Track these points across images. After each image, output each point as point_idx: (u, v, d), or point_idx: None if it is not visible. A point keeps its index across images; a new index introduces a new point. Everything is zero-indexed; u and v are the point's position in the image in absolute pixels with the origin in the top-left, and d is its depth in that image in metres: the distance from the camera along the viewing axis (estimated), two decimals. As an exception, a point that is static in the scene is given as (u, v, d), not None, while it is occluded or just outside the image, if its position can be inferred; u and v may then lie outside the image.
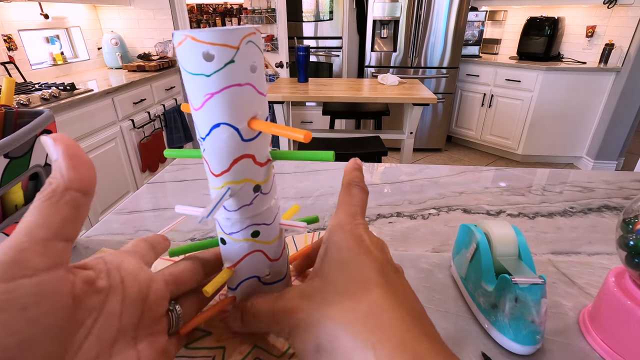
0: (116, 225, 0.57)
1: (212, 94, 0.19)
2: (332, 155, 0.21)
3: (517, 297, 0.31)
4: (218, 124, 0.20)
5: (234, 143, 0.21)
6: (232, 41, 0.18)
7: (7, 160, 0.36)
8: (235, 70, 0.19)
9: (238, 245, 0.25)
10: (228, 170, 0.22)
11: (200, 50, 0.18)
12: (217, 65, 0.19)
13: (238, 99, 0.20)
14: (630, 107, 2.69)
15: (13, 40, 2.03)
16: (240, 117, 0.20)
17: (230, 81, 0.19)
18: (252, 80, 0.20)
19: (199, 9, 3.78)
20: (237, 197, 0.23)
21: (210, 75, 0.19)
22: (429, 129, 3.33)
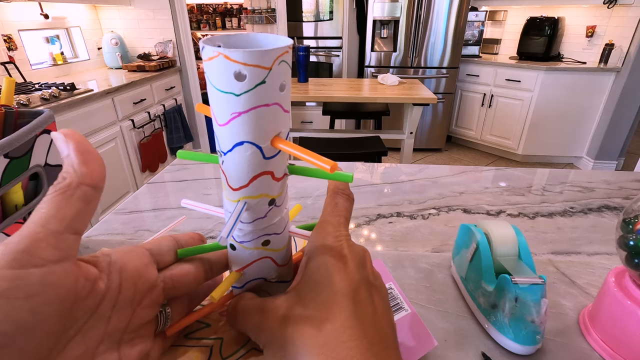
0: (116, 225, 0.57)
1: (239, 113, 0.19)
2: (351, 177, 0.21)
3: (517, 297, 0.31)
4: (241, 142, 0.20)
5: (255, 161, 0.21)
6: (266, 62, 0.18)
7: (7, 160, 0.36)
8: (265, 91, 0.19)
9: (248, 252, 0.25)
10: (246, 186, 0.22)
11: (232, 69, 0.18)
12: (248, 86, 0.18)
13: (265, 118, 0.20)
14: (630, 107, 2.69)
15: (13, 40, 2.03)
16: (264, 137, 0.20)
17: (259, 102, 0.19)
18: (279, 99, 0.20)
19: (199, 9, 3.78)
20: (252, 211, 0.23)
21: (239, 95, 0.18)
22: (429, 129, 3.33)
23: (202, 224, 0.57)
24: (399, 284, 0.42)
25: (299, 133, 2.20)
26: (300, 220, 0.60)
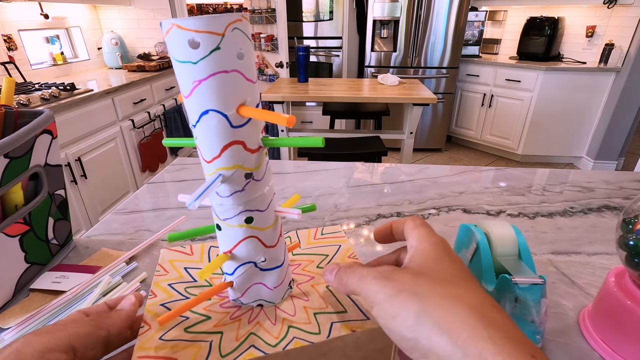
0: (116, 225, 0.57)
1: (199, 81, 0.20)
2: (322, 141, 0.21)
3: (517, 297, 0.31)
4: (207, 111, 0.21)
5: (223, 129, 0.21)
6: (217, 28, 0.19)
7: (7, 160, 0.36)
8: (221, 57, 0.19)
9: (232, 231, 0.26)
10: (218, 156, 0.22)
11: (186, 38, 0.19)
12: (203, 52, 0.19)
13: (225, 85, 0.20)
14: (630, 107, 2.69)
15: (13, 40, 2.03)
16: (228, 104, 0.21)
17: (216, 68, 0.19)
18: (239, 67, 0.20)
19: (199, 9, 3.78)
20: (229, 183, 0.23)
21: (197, 63, 0.19)
22: (429, 129, 3.32)
23: (203, 224, 0.57)
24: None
25: (299, 133, 2.20)
26: (302, 221, 0.60)
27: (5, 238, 0.38)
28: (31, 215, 0.42)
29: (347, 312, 0.28)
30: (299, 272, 0.34)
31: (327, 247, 0.37)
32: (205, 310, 0.29)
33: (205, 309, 0.29)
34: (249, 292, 0.29)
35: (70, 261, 0.47)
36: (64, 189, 0.48)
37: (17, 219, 0.39)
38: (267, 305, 0.29)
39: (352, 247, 0.36)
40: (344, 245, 0.37)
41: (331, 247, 0.37)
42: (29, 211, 0.41)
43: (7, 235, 0.39)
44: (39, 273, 0.44)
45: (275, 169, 0.79)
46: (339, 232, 0.39)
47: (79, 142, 1.79)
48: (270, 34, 2.85)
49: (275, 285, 0.29)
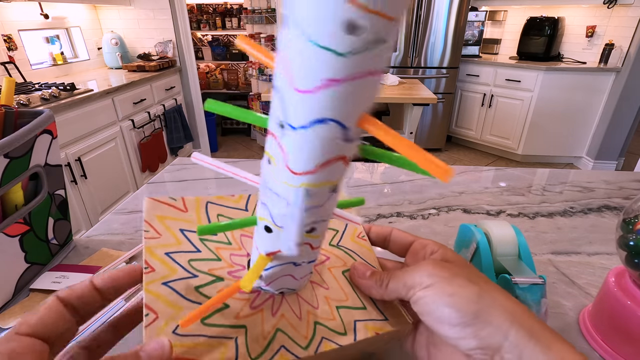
0: (116, 225, 0.57)
1: (336, 81, 0.13)
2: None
3: (517, 297, 0.31)
4: (323, 120, 0.15)
5: (334, 143, 0.16)
6: (394, 9, 0.12)
7: (7, 160, 0.36)
8: (382, 53, 0.13)
9: None
10: (313, 172, 0.17)
11: (342, 15, 0.12)
12: (362, 43, 0.12)
13: (366, 91, 0.14)
14: (630, 107, 2.69)
15: (13, 40, 2.03)
16: (354, 114, 0.15)
17: (369, 67, 0.13)
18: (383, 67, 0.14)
19: (199, 9, 3.78)
20: (310, 199, 0.18)
21: (343, 55, 0.12)
22: (429, 129, 3.32)
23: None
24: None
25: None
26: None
27: (5, 238, 0.38)
28: (31, 215, 0.42)
29: (366, 309, 0.27)
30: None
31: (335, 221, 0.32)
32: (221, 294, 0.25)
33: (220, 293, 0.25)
34: (274, 283, 0.25)
35: (70, 261, 0.47)
36: (64, 189, 0.48)
37: (17, 219, 0.39)
38: (288, 292, 0.26)
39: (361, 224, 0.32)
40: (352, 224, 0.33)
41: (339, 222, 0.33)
42: (29, 211, 0.41)
43: (7, 235, 0.39)
44: (39, 273, 0.44)
45: (275, 169, 0.79)
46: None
47: (79, 142, 1.79)
48: (270, 34, 2.85)
49: (301, 276, 0.26)
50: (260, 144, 3.49)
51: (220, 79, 3.81)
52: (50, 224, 0.46)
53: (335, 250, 0.31)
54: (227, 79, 3.82)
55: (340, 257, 0.31)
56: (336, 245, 0.32)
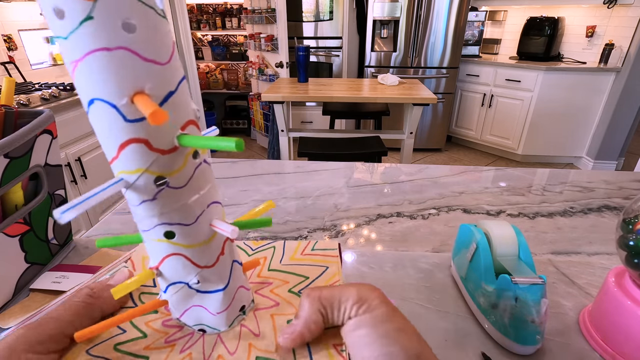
0: (116, 225, 0.57)
1: (76, 62, 0.16)
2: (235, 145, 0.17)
3: (517, 297, 0.31)
4: (92, 100, 0.17)
5: (114, 124, 0.17)
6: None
7: (7, 160, 0.36)
8: (96, 29, 0.15)
9: (153, 244, 0.22)
10: (117, 157, 0.18)
11: (50, 5, 0.15)
12: (71, 24, 0.15)
13: (109, 67, 0.16)
14: (630, 107, 2.69)
15: (13, 40, 2.03)
16: (117, 91, 0.16)
17: (92, 44, 0.15)
18: (128, 42, 0.16)
19: (199, 9, 3.78)
20: (134, 191, 0.19)
21: (67, 38, 0.15)
22: (429, 129, 3.32)
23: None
24: (398, 283, 0.42)
25: (299, 133, 2.20)
26: (300, 221, 0.60)
27: (5, 238, 0.38)
28: (31, 215, 0.42)
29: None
30: (265, 293, 0.29)
31: (312, 266, 0.31)
32: (147, 325, 0.26)
33: (147, 324, 0.26)
34: (187, 314, 0.25)
35: (70, 261, 0.47)
36: (64, 189, 0.48)
37: (17, 219, 0.39)
38: (210, 331, 0.25)
39: (341, 271, 0.31)
40: (332, 267, 0.31)
41: (316, 267, 0.31)
42: (29, 211, 0.41)
43: (7, 235, 0.39)
44: (39, 273, 0.44)
45: (275, 169, 0.79)
46: (333, 250, 0.33)
47: (79, 142, 1.79)
48: (270, 34, 2.85)
49: (218, 310, 0.24)
50: (261, 144, 3.49)
51: (220, 79, 3.81)
52: (50, 224, 0.46)
53: (289, 296, 0.29)
54: (227, 79, 3.82)
55: (293, 305, 0.28)
56: (295, 292, 0.29)
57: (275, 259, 0.33)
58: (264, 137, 3.30)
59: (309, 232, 0.56)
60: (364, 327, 0.21)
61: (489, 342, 0.34)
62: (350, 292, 0.23)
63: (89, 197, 0.17)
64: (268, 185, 0.71)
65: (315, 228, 0.57)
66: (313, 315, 0.23)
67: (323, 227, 0.58)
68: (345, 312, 0.22)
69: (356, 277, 0.42)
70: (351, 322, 0.22)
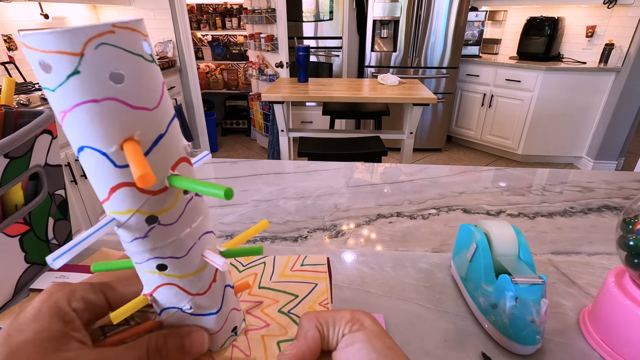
0: (116, 225, 0.57)
1: (64, 112, 0.16)
2: (225, 194, 0.17)
3: (517, 297, 0.31)
4: (82, 147, 0.17)
5: (105, 170, 0.17)
6: (72, 47, 0.15)
7: (7, 160, 0.36)
8: (82, 83, 0.15)
9: (146, 275, 0.22)
10: (107, 199, 0.18)
11: (36, 59, 0.15)
12: (58, 78, 0.15)
13: (97, 118, 0.16)
14: (630, 107, 2.69)
15: (13, 40, 2.03)
16: (106, 140, 0.16)
17: (79, 97, 0.15)
18: (115, 93, 0.16)
19: (199, 9, 3.78)
20: (128, 229, 0.19)
21: (55, 90, 0.15)
22: (429, 129, 3.32)
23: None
24: (399, 283, 0.42)
25: (299, 133, 2.20)
26: (300, 221, 0.60)
27: (5, 238, 0.38)
28: (31, 215, 0.42)
29: None
30: (256, 313, 0.29)
31: (301, 283, 0.32)
32: None
33: None
34: None
35: (70, 261, 0.47)
36: (64, 189, 0.48)
37: (17, 219, 0.39)
38: None
39: (328, 289, 0.31)
40: (321, 285, 0.32)
41: (305, 284, 0.32)
42: (29, 211, 0.41)
43: (7, 235, 0.39)
44: (39, 273, 0.44)
45: (275, 169, 0.79)
46: (321, 265, 0.34)
47: (79, 142, 1.79)
48: (270, 34, 2.85)
49: (211, 332, 0.25)
50: (261, 144, 3.49)
51: (220, 79, 3.81)
52: (50, 224, 0.46)
53: (279, 317, 0.29)
54: (227, 79, 3.82)
55: (283, 326, 0.28)
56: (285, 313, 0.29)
57: (266, 275, 0.33)
58: (264, 137, 3.30)
59: (309, 232, 0.56)
60: (358, 342, 0.22)
61: (489, 342, 0.34)
62: (345, 313, 0.24)
63: (80, 241, 0.17)
64: (268, 185, 0.71)
65: (315, 228, 0.57)
66: (311, 332, 0.24)
67: (323, 227, 0.58)
68: (340, 329, 0.23)
69: (356, 277, 0.42)
70: (345, 339, 0.23)
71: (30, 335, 0.20)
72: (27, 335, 0.20)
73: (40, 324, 0.21)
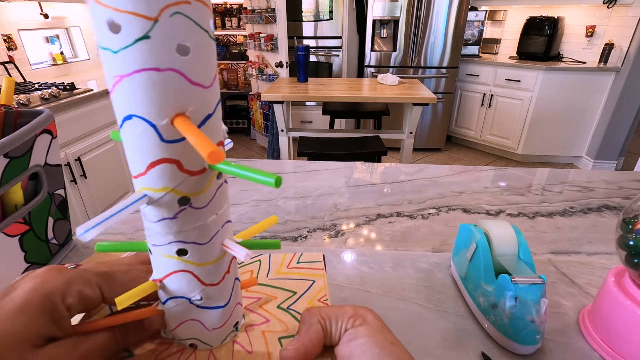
0: (116, 225, 0.57)
1: (121, 77, 0.15)
2: (275, 182, 0.16)
3: (517, 297, 0.31)
4: (130, 116, 0.16)
5: (150, 142, 0.17)
6: (148, 9, 0.14)
7: (7, 160, 0.36)
8: (151, 49, 0.15)
9: (163, 260, 0.21)
10: (144, 173, 0.18)
11: (104, 17, 0.14)
12: (125, 40, 0.14)
13: (156, 87, 0.15)
14: (630, 107, 2.69)
15: (13, 40, 2.03)
16: (159, 112, 0.16)
17: (143, 63, 0.15)
18: (179, 65, 0.15)
19: (199, 9, 3.79)
20: (157, 207, 0.19)
21: (117, 52, 0.15)
22: (429, 129, 3.32)
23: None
24: (398, 283, 0.42)
25: (299, 133, 2.20)
26: (300, 221, 0.60)
27: (5, 238, 0.38)
28: (31, 215, 0.42)
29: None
30: (255, 308, 0.29)
31: (299, 280, 0.32)
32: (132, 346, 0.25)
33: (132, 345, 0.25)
34: (182, 328, 0.24)
35: (70, 261, 0.47)
36: (64, 189, 0.48)
37: (17, 219, 0.39)
38: (202, 347, 0.25)
39: (327, 285, 0.31)
40: (319, 282, 0.32)
41: (304, 281, 0.32)
42: (29, 211, 0.41)
43: (7, 235, 0.39)
44: (39, 273, 0.44)
45: (275, 169, 0.79)
46: (318, 263, 0.34)
47: (79, 142, 1.79)
48: (270, 34, 2.84)
49: (214, 327, 0.24)
50: (261, 144, 3.48)
51: (220, 79, 3.81)
52: (50, 224, 0.46)
53: (279, 313, 0.29)
54: (227, 79, 3.82)
55: (283, 322, 0.28)
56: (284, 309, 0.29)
57: (262, 273, 0.33)
58: (264, 137, 3.30)
59: (309, 232, 0.56)
60: (361, 337, 0.22)
61: (489, 342, 0.34)
62: (347, 309, 0.24)
63: (111, 215, 0.17)
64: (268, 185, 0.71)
65: (315, 228, 0.57)
66: (314, 327, 0.23)
67: (323, 227, 0.58)
68: (342, 324, 0.23)
69: (356, 277, 0.42)
70: (348, 334, 0.23)
71: (14, 329, 0.18)
72: (11, 328, 0.18)
73: (28, 318, 0.19)
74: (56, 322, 0.20)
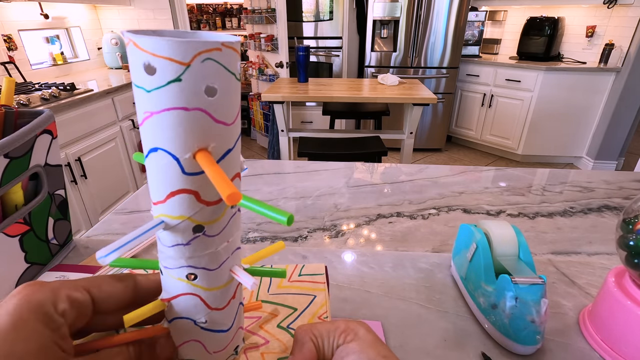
0: (116, 225, 0.57)
1: (151, 113, 0.17)
2: (287, 220, 0.17)
3: (517, 297, 0.31)
4: (156, 149, 0.18)
5: (172, 174, 0.18)
6: (182, 56, 0.15)
7: (7, 160, 0.36)
8: (182, 90, 0.16)
9: (172, 281, 0.22)
10: (163, 201, 0.19)
11: (141, 60, 0.15)
12: (158, 81, 0.16)
13: (183, 124, 0.17)
14: (630, 107, 2.69)
15: (13, 40, 2.03)
16: (183, 146, 0.17)
17: (173, 103, 0.16)
18: (206, 105, 0.17)
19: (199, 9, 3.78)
20: (172, 233, 0.20)
21: (150, 92, 0.16)
22: (429, 129, 3.32)
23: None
24: (398, 283, 0.42)
25: (299, 133, 2.20)
26: (300, 221, 0.60)
27: (5, 238, 0.38)
28: (31, 215, 0.42)
29: None
30: (255, 330, 0.29)
31: (300, 295, 0.32)
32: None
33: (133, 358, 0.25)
34: (183, 347, 0.24)
35: (70, 261, 0.47)
36: (64, 189, 0.48)
37: (17, 219, 0.39)
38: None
39: (328, 301, 0.31)
40: (320, 296, 0.31)
41: (304, 296, 0.31)
42: (29, 211, 0.41)
43: (7, 235, 0.39)
44: (39, 273, 0.44)
45: (275, 169, 0.79)
46: (320, 275, 0.34)
47: (79, 142, 1.79)
48: (270, 34, 2.84)
49: (215, 350, 0.25)
50: (261, 144, 3.49)
51: (220, 79, 3.80)
52: (50, 224, 0.46)
53: (278, 332, 0.29)
54: (227, 79, 3.82)
55: (282, 342, 0.28)
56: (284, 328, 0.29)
57: (263, 287, 0.33)
58: (264, 137, 3.30)
59: (309, 232, 0.56)
60: (352, 353, 0.22)
61: (489, 342, 0.34)
62: (339, 323, 0.24)
63: (130, 239, 0.18)
64: (268, 185, 0.71)
65: (315, 228, 0.57)
66: (306, 345, 0.24)
67: (323, 227, 0.58)
68: (334, 340, 0.23)
69: (356, 277, 0.42)
70: (339, 350, 0.23)
71: (11, 349, 0.17)
72: (8, 349, 0.17)
73: (24, 333, 0.17)
74: (55, 331, 0.19)
